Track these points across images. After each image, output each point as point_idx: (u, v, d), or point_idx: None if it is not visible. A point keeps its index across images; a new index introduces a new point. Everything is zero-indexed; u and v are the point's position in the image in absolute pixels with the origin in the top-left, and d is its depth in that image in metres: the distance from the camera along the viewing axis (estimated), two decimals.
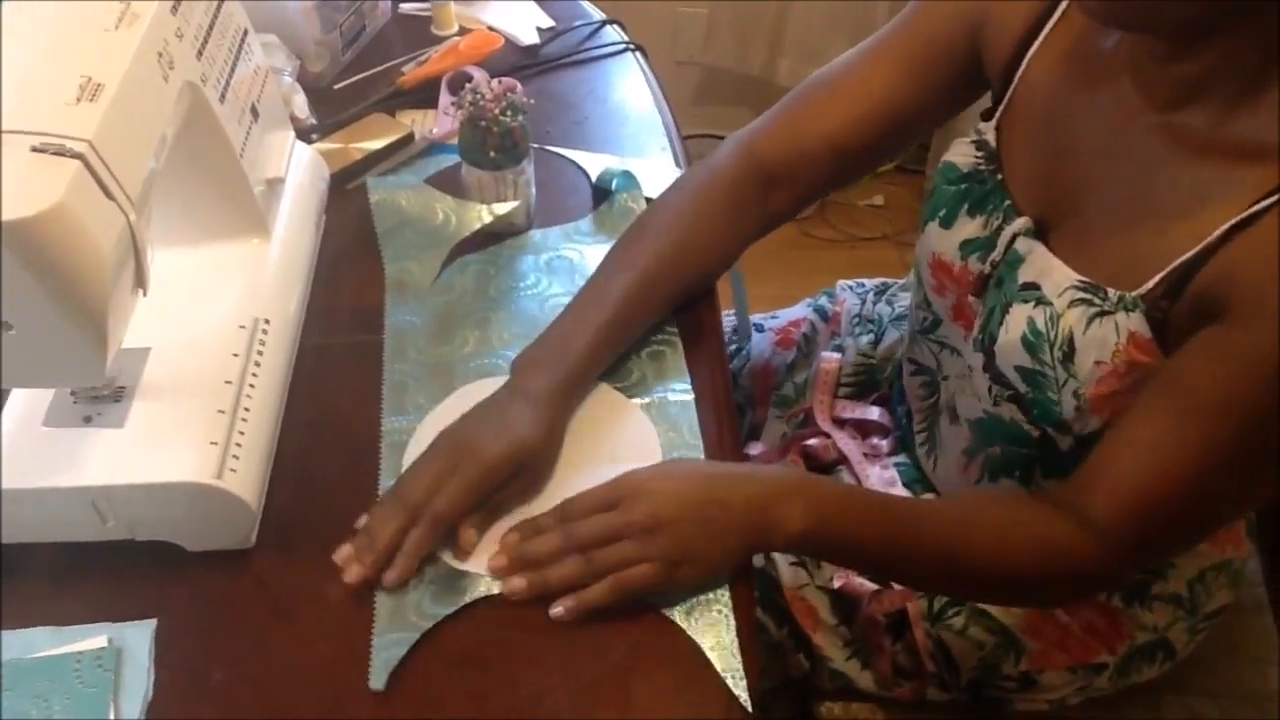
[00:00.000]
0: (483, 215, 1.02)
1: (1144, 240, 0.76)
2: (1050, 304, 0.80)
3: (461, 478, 0.77)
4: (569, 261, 1.01)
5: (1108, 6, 0.71)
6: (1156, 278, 0.74)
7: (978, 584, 0.85)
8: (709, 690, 0.72)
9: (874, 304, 1.20)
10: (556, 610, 0.75)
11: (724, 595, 0.76)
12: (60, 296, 0.64)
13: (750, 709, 0.71)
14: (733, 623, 0.75)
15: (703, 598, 0.76)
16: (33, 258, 0.61)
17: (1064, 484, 0.80)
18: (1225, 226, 0.70)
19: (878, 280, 1.25)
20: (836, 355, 1.15)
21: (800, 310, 1.24)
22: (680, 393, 0.89)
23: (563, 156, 1.14)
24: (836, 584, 0.97)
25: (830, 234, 2.36)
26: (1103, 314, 0.77)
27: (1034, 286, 0.82)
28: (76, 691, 0.70)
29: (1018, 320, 0.82)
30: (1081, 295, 0.78)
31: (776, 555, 0.99)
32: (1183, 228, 0.73)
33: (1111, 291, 0.77)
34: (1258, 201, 0.69)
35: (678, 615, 0.75)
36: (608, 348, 0.88)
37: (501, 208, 1.01)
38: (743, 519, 0.76)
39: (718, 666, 0.73)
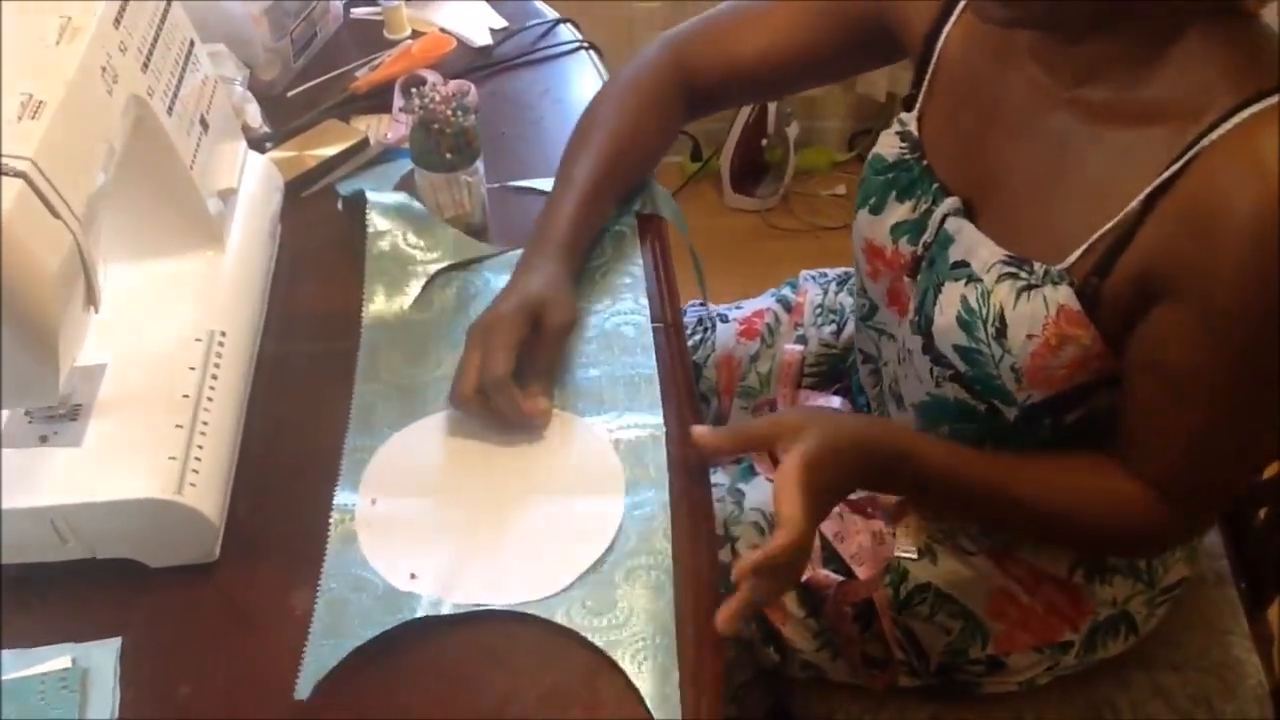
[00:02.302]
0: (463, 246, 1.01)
1: (1064, 214, 0.78)
2: (980, 280, 0.82)
3: (494, 341, 0.83)
4: None
5: (1004, 13, 0.74)
6: (1079, 250, 0.77)
7: (1069, 540, 0.91)
8: None
9: (836, 294, 1.21)
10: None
11: (669, 643, 0.73)
12: (8, 317, 0.63)
13: None
14: (675, 674, 0.72)
15: (652, 642, 0.73)
16: None
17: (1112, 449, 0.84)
18: (1143, 195, 0.72)
19: (840, 270, 1.25)
20: (799, 347, 1.16)
21: (764, 301, 1.24)
22: (651, 427, 0.86)
23: (525, 188, 1.11)
24: (802, 578, 0.98)
25: (793, 223, 2.37)
26: (1030, 288, 0.79)
27: (964, 264, 0.84)
28: (41, 714, 0.70)
29: (951, 299, 0.84)
30: (1008, 270, 0.80)
31: (741, 550, 1.00)
32: (1100, 199, 0.76)
33: (1037, 265, 0.79)
34: (1170, 164, 0.71)
35: (625, 662, 0.72)
36: (585, 222, 0.95)
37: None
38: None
39: (655, 715, 0.70)
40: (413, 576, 0.77)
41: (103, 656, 0.73)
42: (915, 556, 0.97)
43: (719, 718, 0.72)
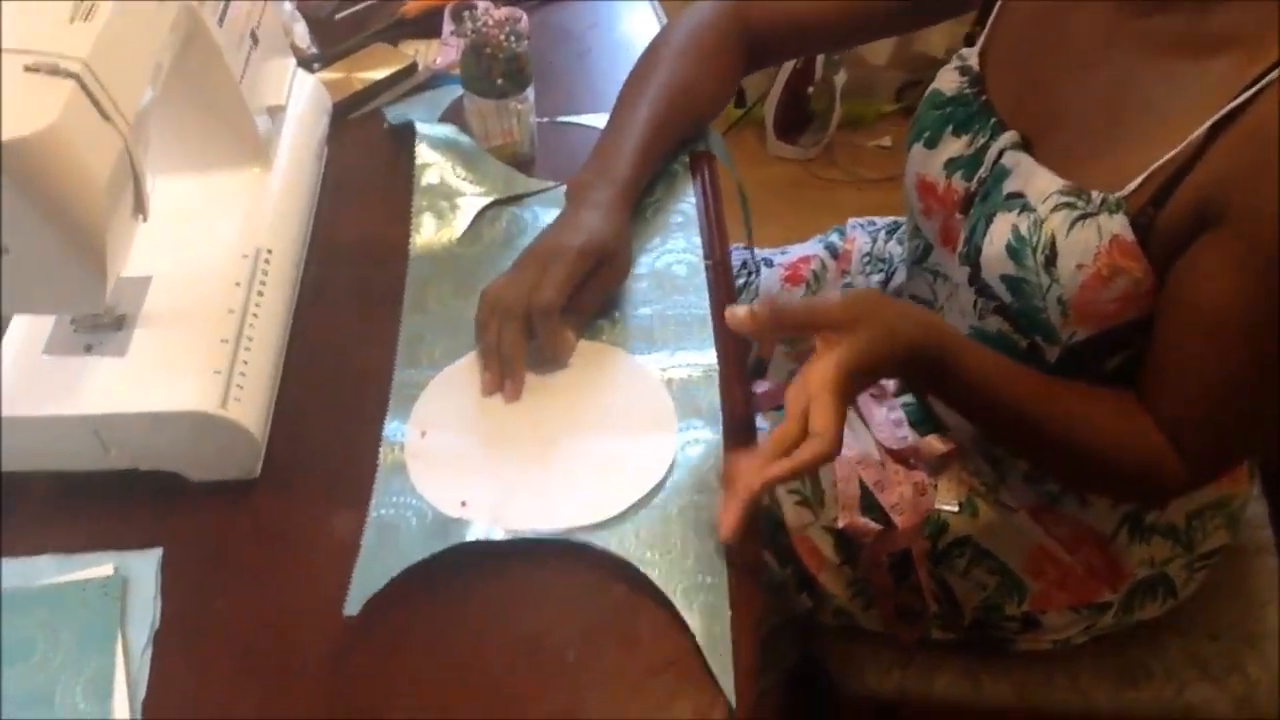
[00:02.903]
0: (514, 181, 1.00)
1: (1125, 145, 0.77)
2: (1034, 210, 0.81)
3: (555, 270, 0.82)
4: None
5: None
6: (1140, 178, 0.75)
7: (1076, 471, 0.88)
8: None
9: (885, 242, 1.18)
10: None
11: (720, 583, 0.72)
12: (56, 220, 0.63)
13: (734, 705, 0.67)
14: (726, 614, 0.71)
15: (701, 580, 0.73)
16: (28, 179, 0.60)
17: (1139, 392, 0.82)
18: (1208, 124, 0.71)
19: (889, 219, 1.23)
20: None
21: (810, 247, 1.22)
22: (704, 367, 0.85)
23: (573, 124, 1.09)
24: (841, 524, 0.97)
25: (836, 174, 2.33)
26: (1085, 216, 0.78)
27: (1018, 196, 0.82)
28: (83, 619, 0.70)
29: (1001, 229, 0.82)
30: (1065, 200, 0.79)
31: (780, 495, 0.99)
32: (1163, 129, 0.74)
33: (1094, 194, 0.78)
34: (1236, 96, 0.70)
35: (676, 597, 0.71)
36: (645, 167, 0.94)
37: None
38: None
39: (705, 654, 0.69)
40: (463, 504, 0.76)
41: (143, 567, 0.73)
42: (956, 509, 0.96)
43: (754, 663, 0.71)
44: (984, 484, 0.96)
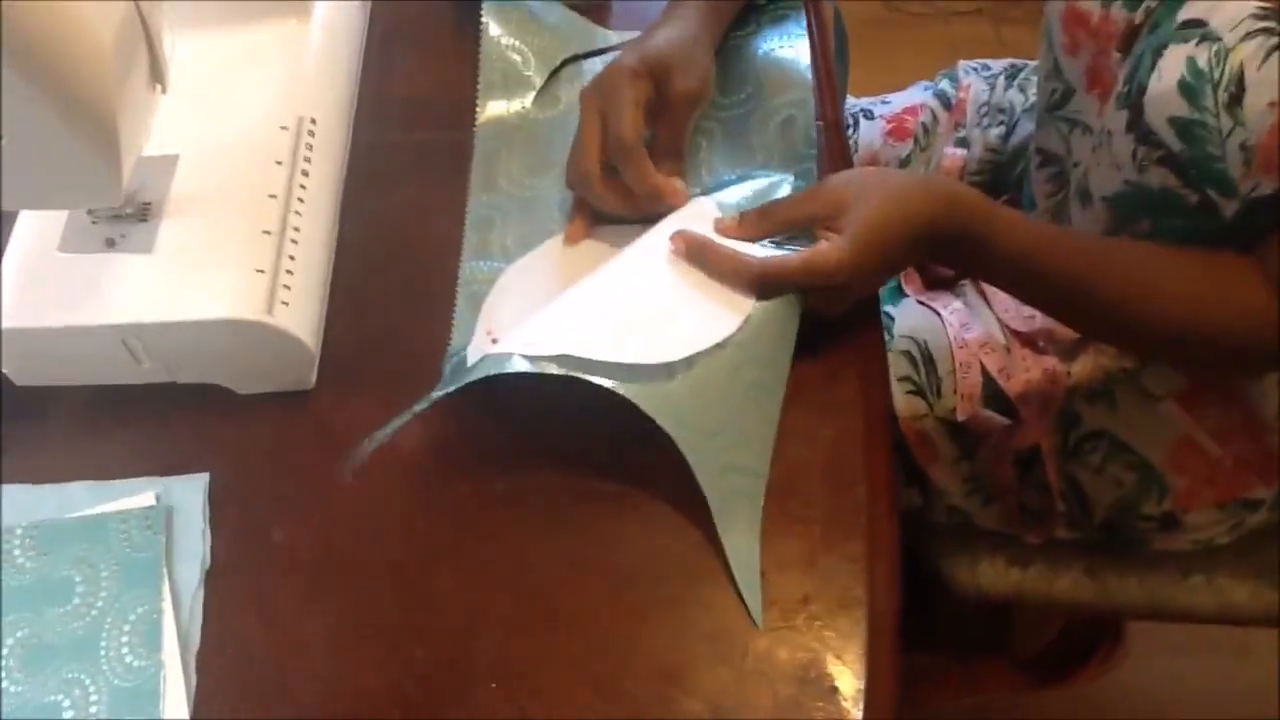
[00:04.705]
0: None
1: None
2: (1218, 39, 0.66)
3: (616, 101, 0.72)
4: None
5: None
6: None
7: (1157, 342, 0.76)
8: None
9: (1005, 90, 1.04)
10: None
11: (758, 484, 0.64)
12: (58, 95, 0.52)
13: (759, 621, 0.60)
14: (757, 525, 0.63)
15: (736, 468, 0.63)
16: (20, 49, 0.49)
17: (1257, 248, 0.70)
18: None
19: (1005, 61, 1.08)
20: (961, 150, 1.01)
21: (916, 95, 1.08)
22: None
23: None
24: (961, 417, 0.87)
25: (918, 7, 2.13)
26: None
27: (1198, 23, 0.68)
28: (124, 556, 0.62)
29: (1173, 63, 0.68)
30: (1261, 25, 0.65)
31: (892, 383, 0.88)
32: None
33: None
34: None
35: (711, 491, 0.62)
36: None
37: None
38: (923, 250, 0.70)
39: (730, 560, 0.61)
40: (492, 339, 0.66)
41: (189, 494, 0.64)
42: (1091, 399, 0.86)
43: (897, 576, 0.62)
44: (1124, 369, 0.86)
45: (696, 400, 0.62)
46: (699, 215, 0.71)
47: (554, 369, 0.61)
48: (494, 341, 0.65)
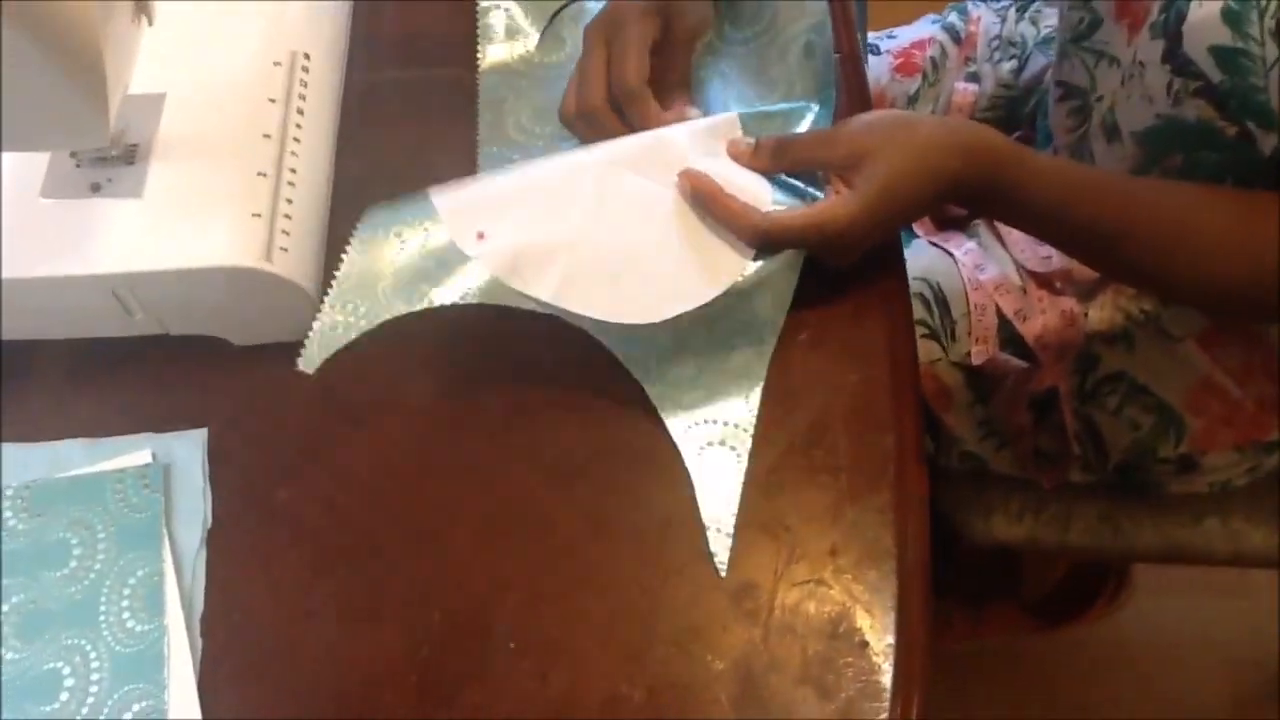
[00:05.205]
0: None
1: None
2: None
3: (623, 40, 0.69)
4: None
5: None
6: None
7: (1193, 288, 0.73)
8: None
9: (1016, 22, 1.00)
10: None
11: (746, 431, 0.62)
12: (38, 30, 0.48)
13: (724, 572, 0.58)
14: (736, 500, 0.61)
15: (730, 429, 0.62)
16: None
17: None
18: None
19: None
20: (973, 85, 0.98)
21: (925, 28, 1.04)
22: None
23: None
24: (976, 361, 0.85)
25: None
26: None
27: None
28: (122, 516, 0.59)
29: None
30: None
31: None
32: None
33: None
34: None
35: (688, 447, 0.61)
36: None
37: None
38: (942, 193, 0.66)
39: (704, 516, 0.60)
40: (480, 236, 0.61)
41: (187, 450, 0.61)
42: (1110, 342, 0.84)
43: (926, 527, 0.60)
44: (1144, 311, 0.83)
45: (679, 351, 0.63)
46: (716, 130, 0.68)
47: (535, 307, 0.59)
48: (480, 237, 0.61)
